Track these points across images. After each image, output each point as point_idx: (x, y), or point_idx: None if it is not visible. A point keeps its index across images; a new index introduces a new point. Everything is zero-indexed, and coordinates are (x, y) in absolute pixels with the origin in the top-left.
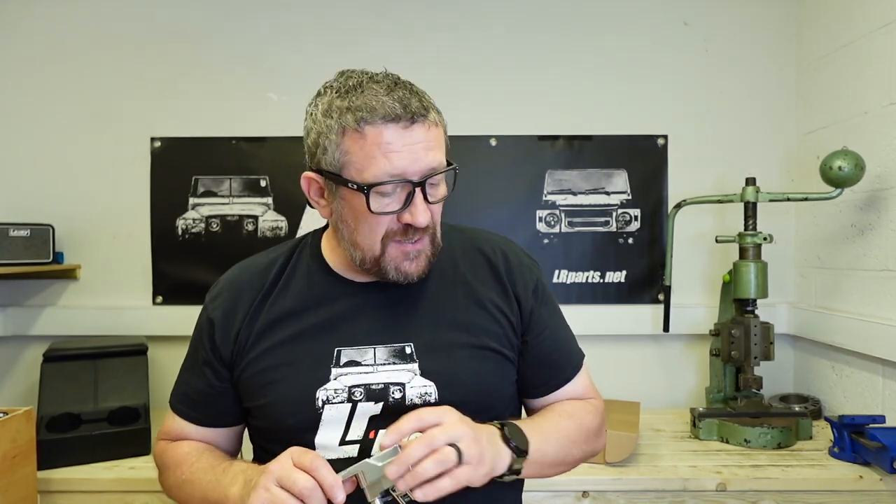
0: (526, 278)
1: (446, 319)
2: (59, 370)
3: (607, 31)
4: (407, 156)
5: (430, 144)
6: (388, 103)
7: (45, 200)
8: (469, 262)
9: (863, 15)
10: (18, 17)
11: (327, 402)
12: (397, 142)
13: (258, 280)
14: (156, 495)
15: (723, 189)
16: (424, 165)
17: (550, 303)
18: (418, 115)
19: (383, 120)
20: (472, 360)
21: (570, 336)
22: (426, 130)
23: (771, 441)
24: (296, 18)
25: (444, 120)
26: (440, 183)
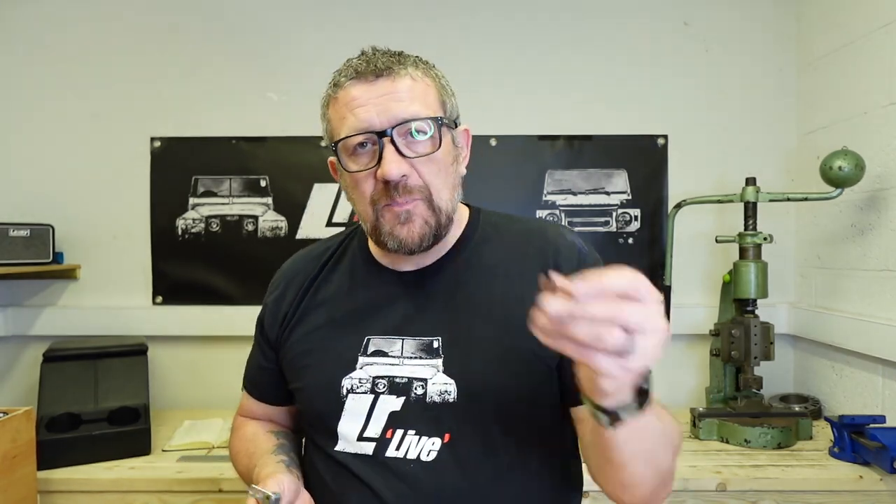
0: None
1: (481, 316)
2: (59, 370)
3: (607, 32)
4: (372, 108)
5: (401, 97)
6: (355, 63)
7: (45, 200)
8: (518, 256)
9: (863, 15)
10: (18, 17)
11: (351, 391)
12: (363, 96)
13: (310, 266)
14: (156, 495)
15: (723, 189)
16: (392, 116)
17: None
18: (385, 70)
19: (349, 79)
20: (500, 363)
21: None
22: (393, 83)
23: (771, 441)
24: (296, 18)
25: (438, 79)
26: (424, 139)
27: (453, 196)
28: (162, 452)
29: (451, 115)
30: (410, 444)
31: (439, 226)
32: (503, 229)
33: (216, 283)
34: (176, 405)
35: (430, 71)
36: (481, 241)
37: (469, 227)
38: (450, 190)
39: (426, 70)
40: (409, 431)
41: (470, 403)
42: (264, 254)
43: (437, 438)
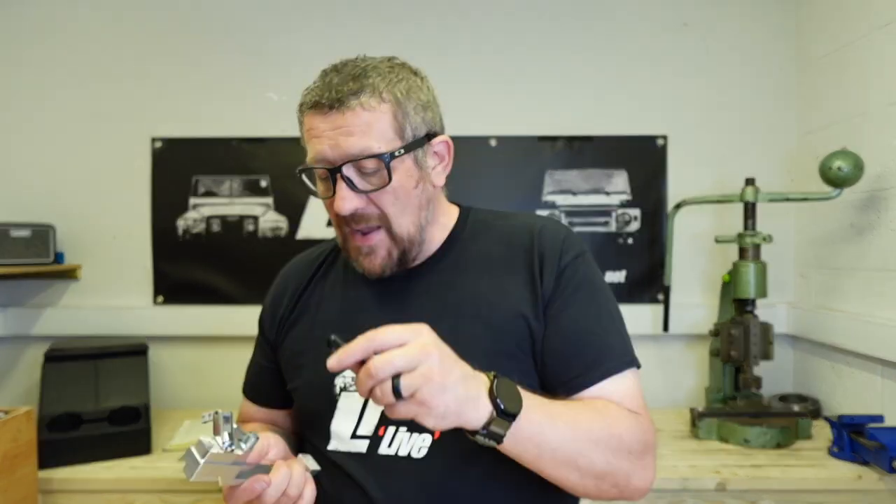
0: (555, 260)
1: (468, 314)
2: (60, 370)
3: (607, 32)
4: (326, 141)
5: (352, 130)
6: (314, 90)
7: (45, 201)
8: (504, 252)
9: (863, 15)
10: (18, 17)
11: (344, 390)
12: (318, 127)
13: (306, 270)
14: (156, 495)
15: (723, 189)
16: (342, 152)
17: (580, 293)
18: (336, 101)
19: (308, 107)
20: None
21: (606, 332)
22: (344, 116)
23: (770, 441)
24: (296, 18)
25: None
26: (376, 172)
27: (418, 219)
28: (162, 452)
29: (416, 135)
30: (402, 441)
31: (404, 252)
32: (491, 226)
33: (217, 283)
34: (176, 405)
35: (392, 90)
36: (469, 240)
37: (457, 227)
38: (412, 215)
39: (386, 90)
40: (401, 428)
41: None
42: (265, 254)
43: (428, 435)
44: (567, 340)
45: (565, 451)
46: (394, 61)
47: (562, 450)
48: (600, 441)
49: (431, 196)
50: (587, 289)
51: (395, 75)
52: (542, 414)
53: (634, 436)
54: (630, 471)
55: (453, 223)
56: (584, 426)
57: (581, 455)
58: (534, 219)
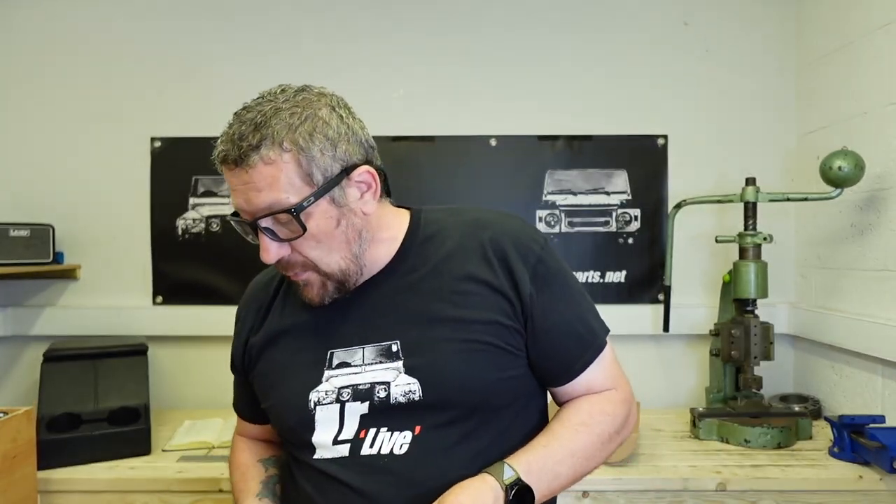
0: (524, 261)
1: (434, 314)
2: (60, 370)
3: (607, 31)
4: (240, 195)
5: (259, 186)
6: (221, 142)
7: (45, 200)
8: (463, 250)
9: (863, 15)
10: (19, 18)
11: (318, 404)
12: (231, 181)
13: (263, 294)
14: (156, 495)
15: (723, 189)
16: (254, 207)
17: (556, 285)
18: (238, 159)
19: (218, 161)
20: (459, 356)
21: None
22: (248, 173)
23: (771, 441)
24: (296, 18)
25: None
26: (290, 222)
27: (347, 253)
28: (162, 452)
29: (328, 175)
30: (383, 441)
31: (340, 282)
32: (446, 224)
33: (216, 283)
34: (176, 405)
35: (294, 136)
36: (425, 241)
37: (410, 231)
38: (339, 252)
39: (287, 137)
40: (382, 429)
41: (437, 399)
42: None
43: (409, 432)
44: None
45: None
46: (300, 96)
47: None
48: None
49: (363, 226)
50: (559, 278)
51: (298, 117)
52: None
53: (618, 417)
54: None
55: (404, 231)
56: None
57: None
58: (484, 213)
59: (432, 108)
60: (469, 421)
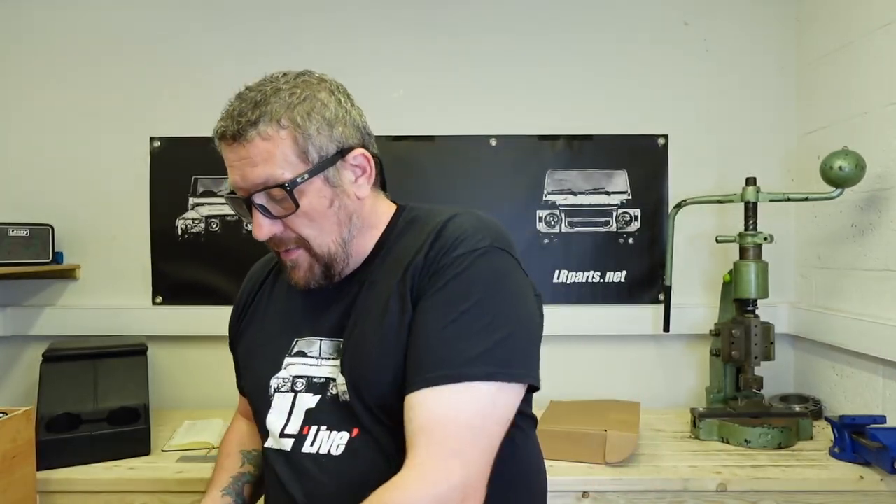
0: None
1: (372, 313)
2: (59, 370)
3: (607, 31)
4: (236, 171)
5: (255, 161)
6: (221, 120)
7: (44, 200)
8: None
9: (863, 15)
10: (19, 18)
11: (277, 390)
12: (228, 157)
13: (260, 272)
14: (156, 495)
15: (723, 189)
16: (250, 183)
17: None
18: (237, 133)
19: (216, 137)
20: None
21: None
22: (245, 148)
23: (771, 441)
24: (296, 18)
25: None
26: (284, 198)
27: (338, 236)
28: (162, 453)
29: (324, 155)
30: (323, 440)
31: (328, 266)
32: (417, 222)
33: (216, 283)
34: (176, 405)
35: (292, 114)
36: (395, 241)
37: (387, 229)
38: (331, 233)
39: (285, 115)
40: (322, 427)
41: (360, 400)
42: (263, 254)
43: (346, 433)
44: (412, 339)
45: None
46: (301, 78)
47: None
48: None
49: (355, 210)
50: (453, 287)
51: (296, 97)
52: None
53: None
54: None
55: (385, 224)
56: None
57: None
58: (454, 212)
59: (432, 107)
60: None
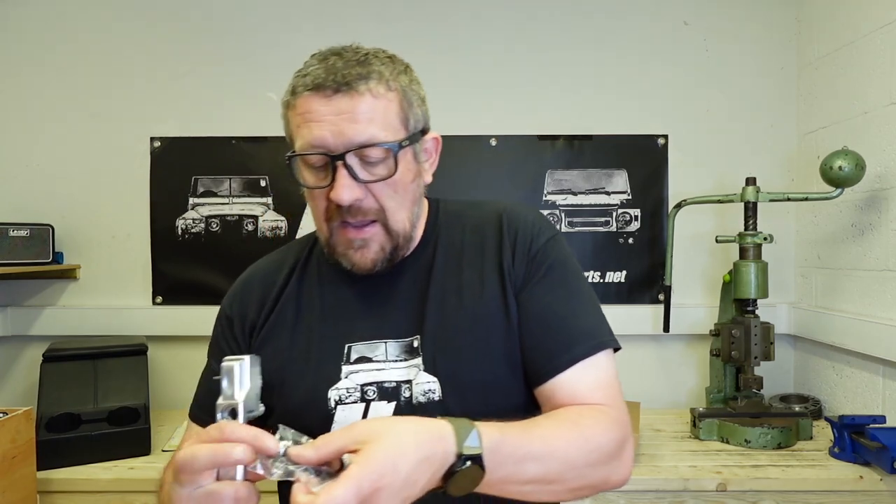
0: (526, 244)
1: (451, 308)
2: (59, 370)
3: (607, 31)
4: (327, 127)
5: (358, 117)
6: (315, 71)
7: (44, 200)
8: (477, 241)
9: (863, 15)
10: (19, 17)
11: (340, 403)
12: (319, 111)
13: (274, 275)
14: (155, 496)
15: (723, 189)
16: (347, 140)
17: (554, 273)
18: (343, 85)
19: (306, 89)
20: (476, 354)
21: (574, 315)
22: (351, 101)
23: (771, 441)
24: (296, 17)
25: (403, 90)
26: (379, 162)
27: (411, 214)
28: (162, 452)
29: (416, 128)
30: None
31: (395, 248)
32: (463, 216)
33: (216, 283)
34: (175, 405)
35: (397, 80)
36: (443, 233)
37: (430, 221)
38: (407, 209)
39: (392, 79)
40: None
41: (455, 399)
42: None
43: None
44: (535, 326)
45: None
46: (386, 53)
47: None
48: (577, 463)
49: (421, 193)
50: (558, 271)
51: (395, 66)
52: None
53: (612, 439)
54: (608, 473)
55: (425, 217)
56: (559, 454)
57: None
58: (503, 204)
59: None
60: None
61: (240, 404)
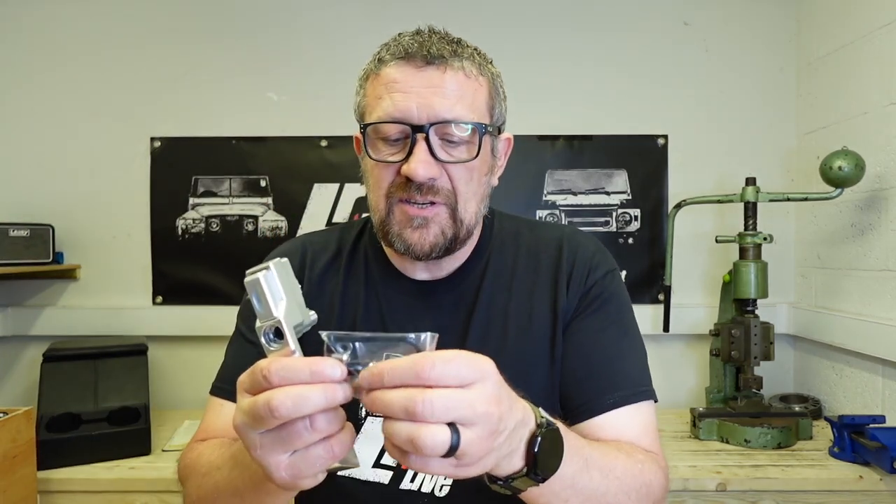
0: (583, 277)
1: (495, 340)
2: (60, 370)
3: (607, 31)
4: (413, 98)
5: (447, 93)
6: (406, 42)
7: (45, 200)
8: (532, 268)
9: (863, 15)
10: (19, 17)
11: (370, 414)
12: (407, 81)
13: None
14: (156, 495)
15: (723, 189)
16: (433, 113)
17: (604, 309)
18: (437, 58)
19: (395, 57)
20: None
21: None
22: (444, 75)
23: (771, 441)
24: (296, 18)
25: (493, 79)
26: (462, 143)
27: (479, 209)
28: (162, 452)
29: (497, 122)
30: (425, 477)
31: (456, 238)
32: (519, 237)
33: (216, 283)
34: (176, 405)
35: (487, 68)
36: (497, 251)
37: (484, 234)
38: (477, 202)
39: (482, 66)
40: None
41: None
42: (264, 254)
43: None
44: (582, 360)
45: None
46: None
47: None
48: (631, 491)
49: (488, 194)
50: (612, 309)
51: (485, 56)
52: (576, 464)
53: (661, 484)
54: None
55: (480, 229)
56: (617, 473)
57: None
58: (562, 230)
59: None
60: None
61: (282, 321)
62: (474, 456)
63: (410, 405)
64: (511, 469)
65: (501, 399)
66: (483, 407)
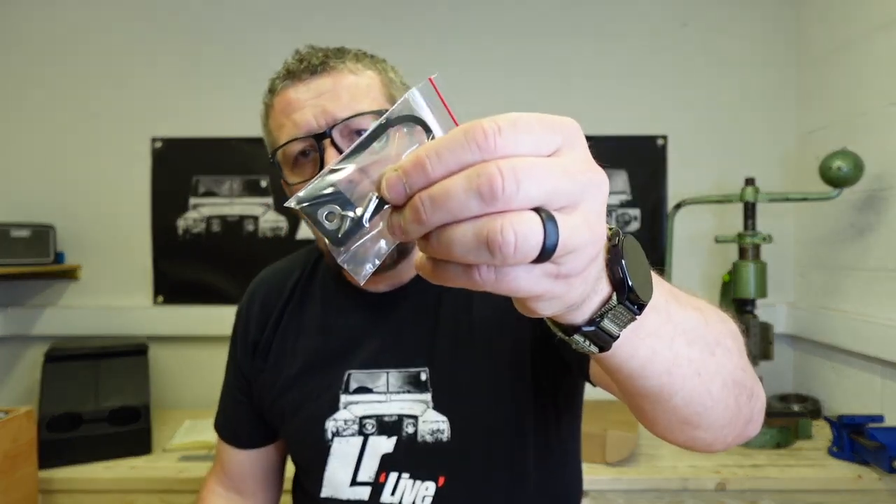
0: None
1: (463, 340)
2: (60, 370)
3: (607, 31)
4: (309, 110)
5: (340, 94)
6: (289, 63)
7: (45, 200)
8: None
9: (863, 15)
10: (19, 18)
11: (337, 435)
12: (298, 98)
13: (279, 287)
14: (156, 495)
15: (722, 189)
16: (331, 116)
17: None
18: (320, 66)
19: (283, 80)
20: (489, 394)
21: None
22: (331, 80)
23: (770, 441)
24: (297, 19)
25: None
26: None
27: None
28: (163, 452)
29: None
30: (405, 490)
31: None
32: None
33: (217, 283)
34: (176, 405)
35: (376, 64)
36: None
37: None
38: None
39: (370, 63)
40: (404, 475)
41: (464, 443)
42: (265, 254)
43: (431, 482)
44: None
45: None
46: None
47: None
48: (729, 334)
49: None
50: None
51: (371, 56)
52: (663, 292)
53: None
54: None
55: None
56: (708, 312)
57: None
58: None
59: None
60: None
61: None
62: (580, 258)
63: (485, 182)
64: (599, 299)
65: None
66: (584, 175)
